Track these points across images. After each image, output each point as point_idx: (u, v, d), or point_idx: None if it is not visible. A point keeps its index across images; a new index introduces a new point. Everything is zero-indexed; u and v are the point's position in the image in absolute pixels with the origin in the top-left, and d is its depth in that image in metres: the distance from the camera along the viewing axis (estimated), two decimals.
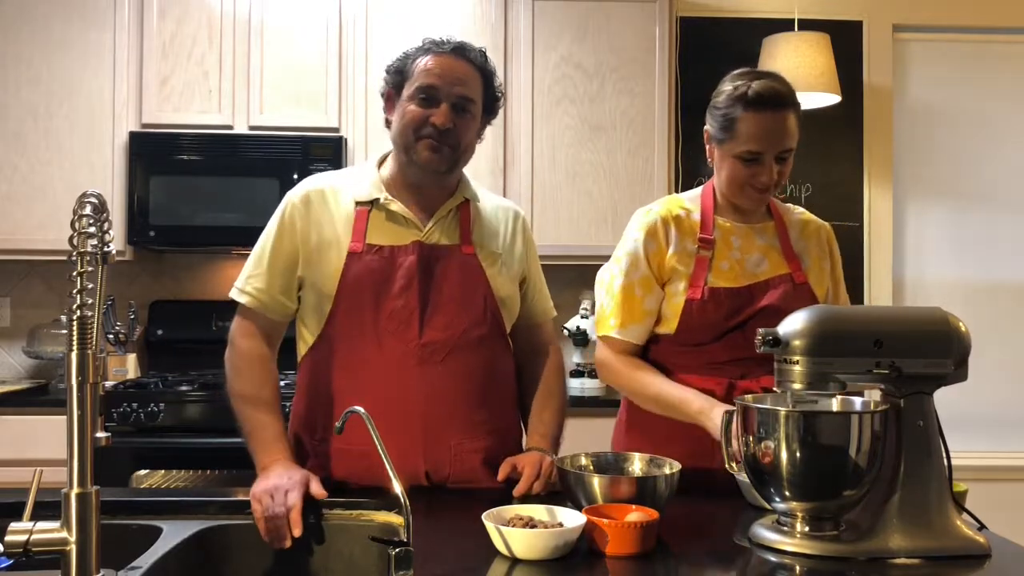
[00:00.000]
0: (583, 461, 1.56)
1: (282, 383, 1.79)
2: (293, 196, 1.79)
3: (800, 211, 1.97)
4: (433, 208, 1.77)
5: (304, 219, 1.75)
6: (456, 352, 1.71)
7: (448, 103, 1.68)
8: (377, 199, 1.74)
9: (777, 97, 1.75)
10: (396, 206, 1.74)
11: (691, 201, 1.90)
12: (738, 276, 1.82)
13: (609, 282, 1.87)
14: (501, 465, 1.69)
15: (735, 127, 1.75)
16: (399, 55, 1.75)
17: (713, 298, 1.79)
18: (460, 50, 1.72)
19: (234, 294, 1.77)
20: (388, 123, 1.77)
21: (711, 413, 1.67)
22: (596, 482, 1.42)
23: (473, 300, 1.74)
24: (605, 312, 1.86)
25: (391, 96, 1.76)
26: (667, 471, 1.48)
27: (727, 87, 1.79)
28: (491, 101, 1.78)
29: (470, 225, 1.79)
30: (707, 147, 1.86)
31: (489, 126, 1.83)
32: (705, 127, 1.85)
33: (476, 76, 1.73)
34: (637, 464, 1.57)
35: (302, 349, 1.78)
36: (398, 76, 1.73)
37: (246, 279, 1.77)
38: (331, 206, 1.76)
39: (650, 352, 1.87)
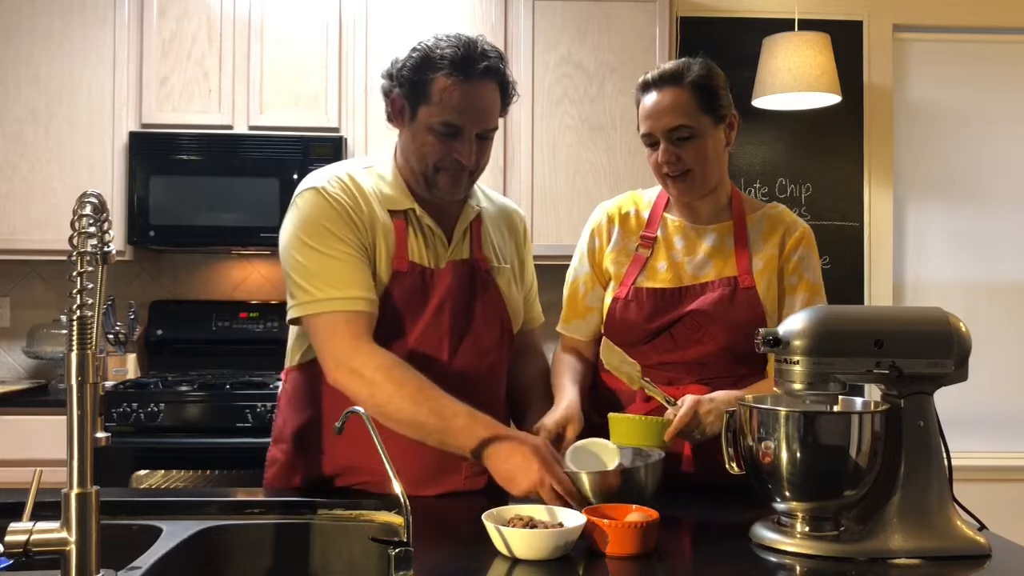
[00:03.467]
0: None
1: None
2: (322, 185, 1.60)
3: (774, 211, 1.85)
4: (454, 219, 1.69)
5: (350, 208, 1.59)
6: (479, 378, 1.65)
7: (471, 135, 1.59)
8: (411, 210, 1.64)
9: (656, 78, 1.74)
10: (428, 220, 1.65)
11: (650, 197, 1.89)
12: (674, 278, 1.78)
13: (566, 278, 1.92)
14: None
15: (638, 112, 1.78)
16: (413, 57, 1.59)
17: (636, 298, 1.77)
18: (487, 72, 1.58)
19: (336, 306, 1.53)
20: (390, 118, 1.66)
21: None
22: (585, 480, 1.42)
23: (495, 320, 1.70)
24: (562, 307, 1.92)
25: (402, 106, 1.62)
26: (652, 460, 1.49)
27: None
28: (506, 107, 1.69)
29: (482, 237, 1.73)
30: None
31: None
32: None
33: (498, 93, 1.63)
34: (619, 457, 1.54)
35: (300, 359, 1.67)
36: (413, 91, 1.58)
37: (340, 291, 1.53)
38: (366, 205, 1.62)
39: (597, 351, 1.86)
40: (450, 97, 1.56)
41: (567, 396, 1.70)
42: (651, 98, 1.74)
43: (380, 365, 1.50)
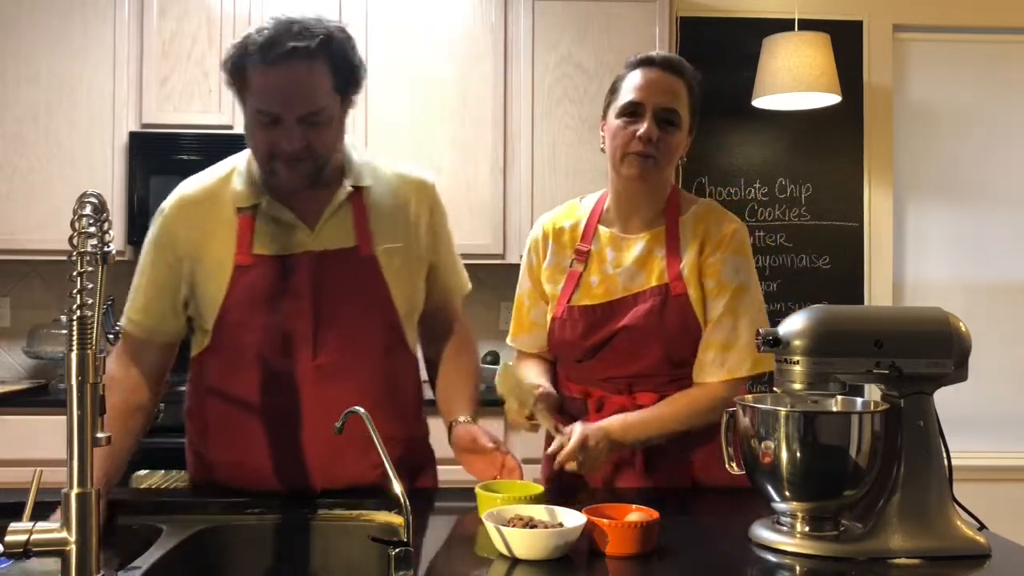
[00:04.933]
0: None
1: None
2: (166, 207, 1.65)
3: (701, 209, 1.78)
4: (319, 204, 1.61)
5: (184, 230, 1.62)
6: (355, 370, 1.59)
7: (291, 120, 1.52)
8: (258, 204, 1.60)
9: (662, 60, 1.73)
10: (279, 211, 1.59)
11: (586, 206, 1.87)
12: (606, 291, 1.75)
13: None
14: (463, 461, 1.59)
15: (617, 85, 1.75)
16: (234, 47, 1.55)
17: (571, 317, 1.76)
18: (294, 54, 1.50)
19: (122, 322, 1.66)
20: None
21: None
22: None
23: (372, 311, 1.62)
24: None
25: (238, 99, 1.59)
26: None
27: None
28: (345, 86, 1.58)
29: (366, 219, 1.63)
30: (601, 136, 1.80)
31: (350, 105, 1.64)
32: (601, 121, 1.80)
33: (317, 74, 1.52)
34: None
35: (194, 350, 1.68)
36: (236, 81, 1.57)
37: (128, 306, 1.65)
38: (209, 213, 1.62)
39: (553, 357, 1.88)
40: (262, 83, 1.52)
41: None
42: (652, 73, 1.71)
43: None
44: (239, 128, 3.64)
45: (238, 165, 1.67)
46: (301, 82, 1.51)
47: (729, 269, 1.72)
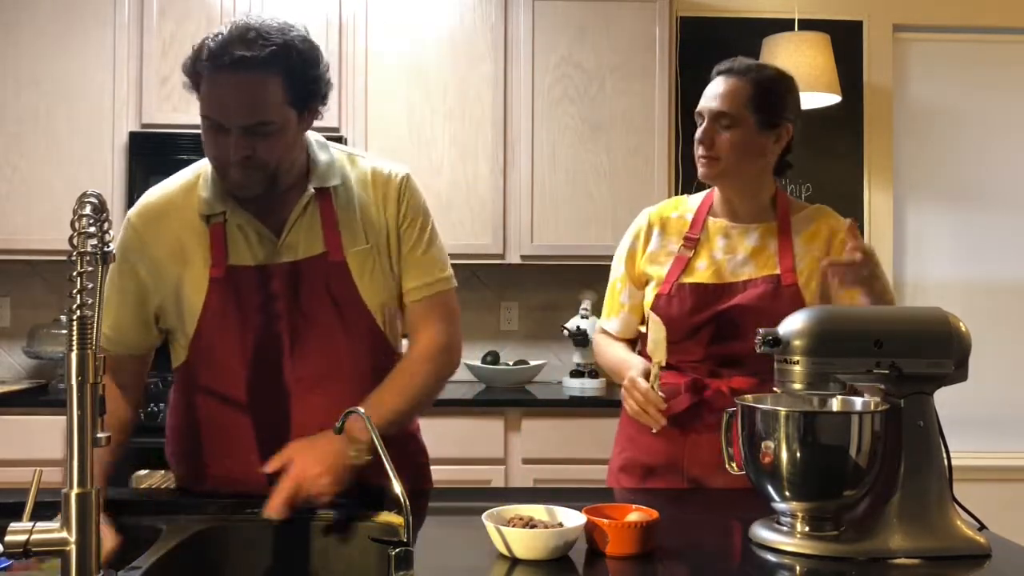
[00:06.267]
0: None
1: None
2: (132, 216, 1.62)
3: (817, 212, 1.89)
4: (283, 209, 1.57)
5: (151, 240, 1.58)
6: (333, 380, 1.57)
7: (235, 129, 1.48)
8: (224, 212, 1.56)
9: (727, 66, 1.82)
10: (245, 219, 1.56)
11: (694, 201, 1.93)
12: (715, 275, 1.81)
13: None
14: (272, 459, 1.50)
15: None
16: (192, 49, 1.52)
17: (680, 293, 1.80)
18: (241, 63, 1.45)
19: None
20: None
21: (628, 373, 1.77)
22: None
23: (347, 317, 1.58)
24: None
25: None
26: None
27: None
28: (301, 98, 1.54)
29: (334, 221, 1.59)
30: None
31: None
32: None
33: (268, 84, 1.47)
34: None
35: (174, 362, 1.66)
36: (192, 84, 1.53)
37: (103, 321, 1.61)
38: (178, 222, 1.58)
39: (636, 349, 1.93)
40: (208, 90, 1.48)
41: (634, 357, 1.85)
42: (715, 82, 1.82)
43: None
44: None
45: (205, 170, 1.63)
46: (247, 92, 1.46)
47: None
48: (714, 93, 1.81)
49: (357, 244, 1.60)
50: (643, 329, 1.88)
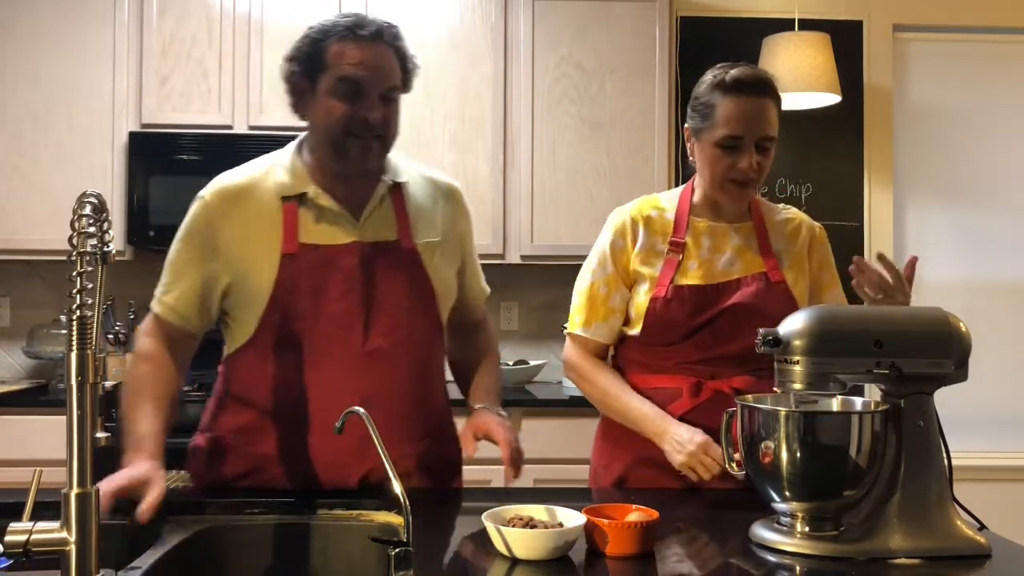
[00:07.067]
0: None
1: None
2: (206, 194, 1.66)
3: (787, 211, 1.92)
4: (363, 196, 1.66)
5: (223, 219, 1.63)
6: (399, 357, 1.64)
7: (374, 93, 1.60)
8: (304, 193, 1.64)
9: (756, 81, 1.75)
10: (326, 200, 1.64)
11: (668, 201, 1.89)
12: (706, 275, 1.79)
13: (579, 281, 1.90)
14: (463, 439, 1.71)
15: (713, 114, 1.75)
16: (309, 35, 1.64)
17: (677, 296, 1.77)
18: (378, 35, 1.62)
19: (153, 305, 1.68)
20: (295, 108, 1.67)
21: (665, 438, 1.71)
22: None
23: (416, 300, 1.67)
24: (573, 310, 1.90)
25: (304, 88, 1.64)
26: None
27: (707, 77, 1.80)
28: (408, 76, 1.68)
29: (406, 213, 1.69)
30: (688, 145, 1.84)
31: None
32: (685, 125, 1.85)
33: (395, 58, 1.63)
34: None
35: (228, 349, 1.71)
36: (312, 63, 1.62)
37: (161, 291, 1.67)
38: (252, 203, 1.64)
39: (618, 353, 1.88)
40: (346, 57, 1.59)
41: (650, 407, 1.77)
42: (747, 102, 1.73)
43: (136, 353, 1.69)
44: (239, 128, 3.64)
45: (279, 160, 1.70)
46: (385, 59, 1.61)
47: (831, 263, 1.90)
48: (755, 115, 1.72)
49: (426, 237, 1.71)
50: (630, 331, 1.83)
